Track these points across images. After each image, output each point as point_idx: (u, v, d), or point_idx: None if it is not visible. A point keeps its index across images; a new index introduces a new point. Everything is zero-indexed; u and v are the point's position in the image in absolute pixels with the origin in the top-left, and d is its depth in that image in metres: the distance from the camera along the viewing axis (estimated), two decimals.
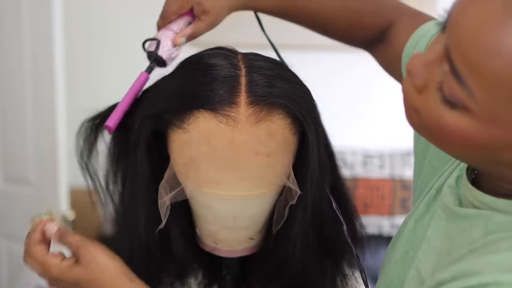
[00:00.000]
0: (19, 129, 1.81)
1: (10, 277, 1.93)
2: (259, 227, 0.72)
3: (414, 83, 0.53)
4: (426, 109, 0.53)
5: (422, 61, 0.53)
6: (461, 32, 0.48)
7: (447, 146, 0.54)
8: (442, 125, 0.51)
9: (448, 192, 0.62)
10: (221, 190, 0.65)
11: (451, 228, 0.60)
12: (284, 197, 0.69)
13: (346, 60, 2.37)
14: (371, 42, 0.87)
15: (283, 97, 0.64)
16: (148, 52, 0.77)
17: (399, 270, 0.67)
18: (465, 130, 0.50)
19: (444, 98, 0.50)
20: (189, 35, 0.79)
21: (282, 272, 0.74)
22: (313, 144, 0.67)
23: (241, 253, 0.73)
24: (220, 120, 0.63)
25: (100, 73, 2.74)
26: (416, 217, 0.68)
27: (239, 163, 0.64)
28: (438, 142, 0.55)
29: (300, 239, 0.71)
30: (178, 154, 0.66)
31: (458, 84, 0.48)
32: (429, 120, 0.53)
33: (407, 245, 0.67)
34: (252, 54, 0.70)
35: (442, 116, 0.51)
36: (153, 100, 0.69)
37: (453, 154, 0.56)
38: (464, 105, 0.49)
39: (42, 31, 1.69)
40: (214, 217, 0.69)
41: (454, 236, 0.58)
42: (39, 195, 1.79)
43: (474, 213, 0.57)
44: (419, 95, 0.53)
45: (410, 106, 0.55)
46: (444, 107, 0.51)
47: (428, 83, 0.52)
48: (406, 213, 2.78)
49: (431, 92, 0.52)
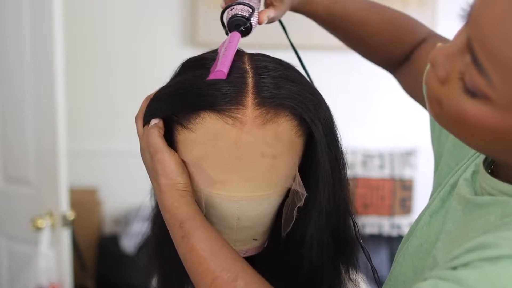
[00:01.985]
0: (19, 129, 1.81)
1: (10, 277, 1.93)
2: (264, 228, 0.72)
3: (437, 75, 0.55)
4: (448, 100, 0.54)
5: (444, 52, 0.55)
6: (483, 21, 0.49)
7: (468, 136, 0.56)
8: (463, 115, 0.53)
9: (464, 185, 0.64)
10: (226, 191, 0.66)
11: (467, 217, 0.61)
12: (292, 199, 0.69)
13: (347, 60, 2.37)
14: (400, 61, 0.91)
15: (290, 99, 0.64)
16: (239, 16, 0.74)
17: (413, 262, 0.68)
18: (485, 119, 0.51)
19: (465, 88, 0.52)
20: (271, 18, 0.80)
21: (295, 274, 0.74)
22: (322, 145, 0.67)
23: (244, 253, 0.73)
24: (227, 121, 0.63)
25: (100, 73, 2.74)
26: (431, 212, 0.69)
27: (244, 165, 0.64)
28: (460, 132, 0.56)
29: (316, 241, 0.71)
30: (184, 154, 0.66)
31: (479, 73, 0.50)
32: (451, 110, 0.54)
33: (421, 238, 0.68)
34: (259, 54, 0.70)
35: (464, 106, 0.52)
36: (161, 101, 0.69)
37: (474, 144, 0.57)
38: (484, 94, 0.50)
39: (42, 31, 1.69)
40: (219, 217, 0.69)
41: (469, 223, 0.59)
42: (39, 195, 1.79)
43: (491, 200, 0.58)
44: (442, 86, 0.55)
45: (433, 98, 0.57)
46: (465, 97, 0.52)
47: (450, 74, 0.54)
48: (406, 213, 2.79)
49: (453, 83, 0.53)
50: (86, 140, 2.72)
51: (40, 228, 1.70)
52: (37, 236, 1.71)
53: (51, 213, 1.75)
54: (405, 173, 2.76)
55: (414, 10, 2.74)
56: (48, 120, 1.73)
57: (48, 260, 1.71)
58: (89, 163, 2.69)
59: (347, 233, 0.74)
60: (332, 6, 0.87)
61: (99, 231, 2.73)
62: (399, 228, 2.76)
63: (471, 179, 0.64)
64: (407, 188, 2.76)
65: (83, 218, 2.39)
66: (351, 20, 0.88)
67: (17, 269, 1.87)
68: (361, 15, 0.88)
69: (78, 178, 2.54)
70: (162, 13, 2.71)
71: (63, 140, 1.75)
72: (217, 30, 0.82)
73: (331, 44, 1.03)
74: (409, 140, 2.81)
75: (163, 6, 2.71)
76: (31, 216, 1.74)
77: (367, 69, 1.29)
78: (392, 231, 2.75)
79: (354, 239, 0.74)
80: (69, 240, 1.82)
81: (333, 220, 0.71)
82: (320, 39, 2.76)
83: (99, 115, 2.76)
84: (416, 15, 0.94)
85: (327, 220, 0.71)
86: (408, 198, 2.77)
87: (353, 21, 0.88)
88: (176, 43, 2.72)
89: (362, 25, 0.89)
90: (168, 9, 2.71)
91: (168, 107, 0.67)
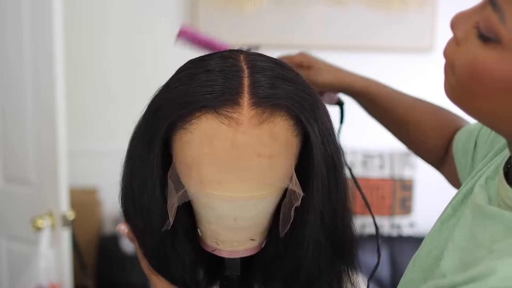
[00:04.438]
0: (19, 129, 1.81)
1: (10, 277, 1.93)
2: (261, 228, 0.72)
3: (455, 36, 0.56)
4: (460, 56, 0.55)
5: (464, 13, 0.56)
6: None
7: (478, 97, 0.55)
8: (474, 64, 0.53)
9: (478, 191, 0.64)
10: (223, 191, 0.65)
11: (476, 227, 0.60)
12: (289, 199, 0.69)
13: (347, 60, 2.37)
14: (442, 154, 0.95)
15: (286, 99, 0.64)
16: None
17: (422, 268, 0.68)
18: (495, 65, 0.52)
19: (479, 34, 0.53)
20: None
21: (294, 274, 0.74)
22: (317, 145, 0.67)
23: (242, 254, 0.73)
24: (222, 121, 0.62)
25: (100, 73, 2.74)
26: (442, 219, 0.69)
27: (241, 165, 0.64)
28: (470, 94, 0.56)
29: (313, 241, 0.70)
30: (180, 154, 0.66)
31: (494, 12, 0.51)
32: (462, 66, 0.55)
33: (431, 245, 0.68)
34: (255, 54, 0.70)
35: (475, 54, 0.53)
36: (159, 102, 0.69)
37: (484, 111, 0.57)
38: (496, 33, 0.51)
39: (42, 31, 1.69)
40: (216, 217, 0.69)
41: (478, 234, 0.59)
42: (39, 195, 1.79)
43: (497, 212, 0.58)
44: (457, 47, 0.56)
45: (448, 65, 0.58)
46: (477, 45, 0.53)
47: (468, 32, 0.55)
48: (406, 213, 2.80)
49: (469, 37, 0.54)
50: (86, 140, 2.72)
51: (40, 228, 1.70)
52: (37, 236, 1.71)
53: (51, 213, 1.75)
54: (405, 173, 2.76)
55: (414, 10, 2.73)
56: (48, 120, 1.73)
57: (48, 260, 1.71)
58: (89, 163, 2.69)
59: (345, 233, 0.74)
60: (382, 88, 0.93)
61: (99, 231, 2.73)
62: (399, 228, 2.76)
63: (485, 184, 0.64)
64: (407, 188, 2.76)
65: (83, 218, 2.39)
66: (401, 103, 0.93)
67: (17, 269, 1.87)
68: (409, 99, 0.94)
69: (78, 178, 2.54)
70: (162, 13, 2.71)
71: (63, 140, 1.75)
72: (217, 30, 0.82)
73: (331, 44, 1.03)
74: None
75: (163, 6, 2.71)
76: (31, 216, 1.74)
77: (367, 69, 1.29)
78: (392, 231, 2.76)
79: (353, 239, 0.74)
80: (69, 240, 1.82)
81: (329, 220, 0.71)
82: (320, 39, 2.76)
83: (99, 115, 2.76)
84: (416, 15, 0.96)
85: (323, 221, 0.71)
86: (408, 198, 2.77)
87: (403, 103, 0.93)
88: (176, 43, 2.71)
89: (411, 107, 0.93)
90: (168, 9, 2.71)
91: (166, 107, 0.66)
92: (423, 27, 2.74)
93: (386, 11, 2.76)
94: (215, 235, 0.72)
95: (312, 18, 2.68)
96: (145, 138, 0.69)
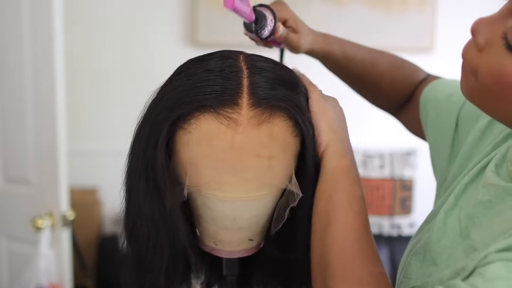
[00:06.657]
0: (19, 129, 1.81)
1: (10, 277, 1.93)
2: (259, 228, 0.72)
3: (476, 42, 0.56)
4: (485, 64, 0.55)
5: (486, 20, 0.56)
6: None
7: (504, 100, 0.55)
8: (502, 72, 0.53)
9: (492, 176, 0.64)
10: (222, 191, 0.65)
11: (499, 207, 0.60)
12: (286, 199, 0.69)
13: None
14: (402, 103, 0.98)
15: (284, 100, 0.64)
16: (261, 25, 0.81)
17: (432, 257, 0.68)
18: None
19: (507, 45, 0.53)
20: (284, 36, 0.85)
21: (292, 274, 0.74)
22: (310, 147, 0.67)
23: (240, 254, 0.73)
24: (222, 122, 0.62)
25: (100, 73, 2.74)
26: (445, 209, 0.69)
27: (240, 165, 0.64)
28: (495, 98, 0.56)
29: (308, 242, 0.70)
30: (180, 154, 0.66)
31: None
32: (488, 74, 0.55)
33: (439, 234, 0.68)
34: (254, 55, 0.70)
35: (503, 62, 0.53)
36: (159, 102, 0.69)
37: (507, 113, 0.57)
38: None
39: (42, 31, 1.69)
40: (214, 218, 0.69)
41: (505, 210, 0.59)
42: (39, 195, 1.79)
43: None
44: (480, 54, 0.56)
45: (469, 69, 0.58)
46: (506, 54, 0.53)
47: (491, 39, 0.55)
48: (406, 213, 2.79)
49: (493, 45, 0.54)
50: (86, 140, 2.72)
51: (40, 228, 1.70)
52: (37, 236, 1.71)
53: (51, 213, 1.75)
54: (405, 173, 2.76)
55: (414, 10, 2.73)
56: (48, 120, 1.73)
57: (48, 260, 1.71)
58: (89, 163, 2.69)
59: None
60: (345, 48, 0.93)
61: (99, 231, 2.73)
62: (399, 228, 2.76)
63: (495, 170, 0.64)
64: (407, 188, 2.76)
65: (83, 218, 2.39)
66: (362, 62, 0.94)
67: (17, 269, 1.87)
68: (370, 57, 0.95)
69: (78, 178, 2.54)
70: (162, 13, 2.72)
71: (63, 140, 1.75)
72: (217, 30, 0.82)
73: None
74: (409, 140, 2.79)
75: (163, 6, 2.71)
76: (31, 216, 1.74)
77: None
78: (392, 231, 2.76)
79: None
80: (69, 240, 1.82)
81: None
82: None
83: (99, 115, 2.76)
84: (416, 15, 0.97)
85: None
86: (408, 198, 2.77)
87: (364, 62, 0.94)
88: (176, 43, 2.72)
89: (372, 66, 0.94)
90: (168, 9, 2.71)
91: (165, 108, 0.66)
92: (423, 27, 2.74)
93: (386, 11, 2.76)
94: (213, 235, 0.72)
95: (312, 18, 2.68)
96: (149, 140, 0.68)
